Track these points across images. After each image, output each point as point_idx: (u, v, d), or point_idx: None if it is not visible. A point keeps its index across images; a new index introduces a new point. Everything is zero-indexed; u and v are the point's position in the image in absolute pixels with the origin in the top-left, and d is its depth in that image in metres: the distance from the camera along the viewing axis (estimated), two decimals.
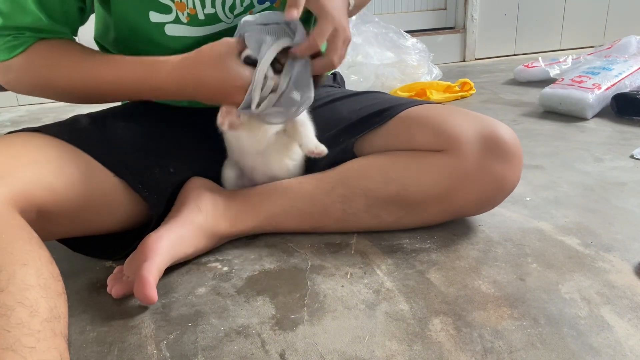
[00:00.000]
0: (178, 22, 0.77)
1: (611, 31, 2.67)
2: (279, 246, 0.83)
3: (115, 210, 0.76)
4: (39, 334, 0.45)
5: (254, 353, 0.59)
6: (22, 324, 0.45)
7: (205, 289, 0.73)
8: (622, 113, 1.46)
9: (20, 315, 0.45)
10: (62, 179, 0.67)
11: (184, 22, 0.77)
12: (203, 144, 0.88)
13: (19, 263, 0.50)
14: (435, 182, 0.78)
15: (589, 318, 0.62)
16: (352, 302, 0.68)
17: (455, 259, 0.77)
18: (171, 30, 0.78)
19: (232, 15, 0.80)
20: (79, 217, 0.71)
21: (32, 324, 0.45)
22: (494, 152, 0.76)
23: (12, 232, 0.54)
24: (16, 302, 0.46)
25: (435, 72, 2.01)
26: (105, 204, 0.74)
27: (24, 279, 0.48)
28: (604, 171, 1.09)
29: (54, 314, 0.48)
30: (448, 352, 0.58)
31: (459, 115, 0.81)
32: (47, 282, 0.50)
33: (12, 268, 0.49)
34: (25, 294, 0.47)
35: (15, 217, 0.57)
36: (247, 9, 0.80)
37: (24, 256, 0.51)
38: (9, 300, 0.46)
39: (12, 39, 0.71)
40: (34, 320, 0.46)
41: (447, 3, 2.64)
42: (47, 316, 0.47)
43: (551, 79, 1.77)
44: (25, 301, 0.46)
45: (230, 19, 0.80)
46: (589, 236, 0.82)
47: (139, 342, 0.62)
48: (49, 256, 0.55)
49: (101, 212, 0.74)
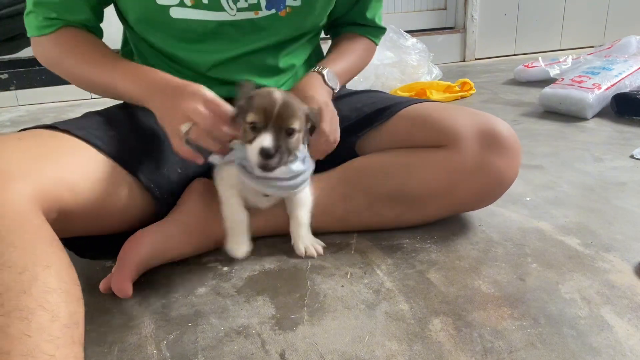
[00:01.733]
0: (183, 5, 0.78)
1: (611, 31, 2.67)
2: (279, 246, 0.83)
3: (128, 210, 0.76)
4: (59, 341, 0.44)
5: (254, 353, 0.59)
6: (42, 329, 0.44)
7: (205, 289, 0.73)
8: (622, 113, 1.46)
9: (41, 320, 0.44)
10: (84, 180, 0.67)
11: (189, 5, 0.78)
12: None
13: (42, 265, 0.49)
14: (435, 177, 0.79)
15: (589, 318, 0.62)
16: (352, 302, 0.68)
17: (455, 259, 0.77)
18: (176, 13, 0.79)
19: (235, 7, 0.80)
20: (95, 217, 0.71)
21: (52, 330, 0.44)
22: (493, 147, 0.77)
23: (35, 233, 0.52)
24: (38, 305, 0.45)
25: (435, 72, 2.01)
26: (120, 204, 0.74)
27: (46, 281, 0.47)
28: (604, 171, 1.09)
29: (73, 319, 0.48)
30: (448, 352, 0.58)
31: (458, 112, 0.82)
32: (67, 286, 0.50)
33: (35, 270, 0.48)
34: (47, 297, 0.46)
35: (39, 216, 0.56)
36: (252, 7, 0.81)
37: (47, 258, 0.50)
38: (31, 302, 0.45)
39: (43, 20, 0.79)
40: (54, 325, 0.45)
41: (447, 3, 2.64)
42: (66, 322, 0.46)
43: (551, 79, 1.77)
44: (47, 305, 0.46)
45: (234, 11, 0.81)
46: (589, 236, 0.82)
47: (139, 342, 0.62)
48: (69, 260, 0.54)
49: (116, 211, 0.74)
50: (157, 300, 0.70)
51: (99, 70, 0.78)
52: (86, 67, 0.79)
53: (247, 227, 0.78)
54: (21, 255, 0.48)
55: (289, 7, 0.82)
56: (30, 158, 0.62)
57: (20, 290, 0.45)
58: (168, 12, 0.79)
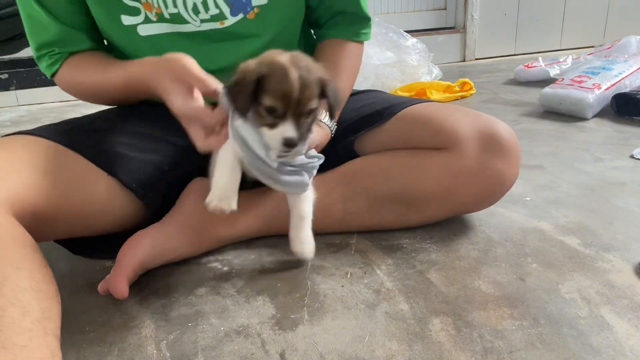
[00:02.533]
0: (149, 21, 0.79)
1: (611, 31, 2.67)
2: (279, 246, 0.83)
3: (111, 210, 0.76)
4: (31, 333, 0.46)
5: (254, 353, 0.59)
6: (14, 323, 0.45)
7: (205, 289, 0.73)
8: (622, 113, 1.46)
9: (12, 315, 0.46)
10: (56, 182, 0.67)
11: (154, 20, 0.79)
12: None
13: (13, 266, 0.51)
14: (436, 179, 0.79)
15: (589, 318, 0.62)
16: (352, 302, 0.68)
17: (455, 259, 0.77)
18: (144, 31, 0.80)
19: (198, 19, 0.79)
20: (75, 219, 0.71)
21: (23, 323, 0.46)
22: (493, 149, 0.77)
23: (7, 236, 0.54)
24: (9, 303, 0.47)
25: (435, 72, 2.01)
26: (101, 205, 0.74)
27: (17, 281, 0.49)
28: (604, 171, 1.09)
29: (45, 315, 0.49)
30: (448, 352, 0.58)
31: (458, 113, 0.82)
32: (39, 284, 0.51)
33: (6, 271, 0.49)
34: (18, 296, 0.48)
35: (10, 220, 0.57)
36: (214, 18, 0.80)
37: (18, 259, 0.52)
38: (2, 301, 0.47)
39: (48, 58, 0.82)
40: (26, 319, 0.47)
41: (447, 3, 2.64)
42: (38, 316, 0.48)
43: (551, 79, 1.77)
44: (18, 302, 0.47)
45: (197, 22, 0.80)
46: (589, 236, 0.82)
47: (139, 342, 0.62)
48: (42, 259, 0.56)
49: (98, 212, 0.74)
50: (157, 300, 0.70)
51: (112, 70, 0.79)
52: (100, 74, 0.81)
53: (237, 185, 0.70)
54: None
55: (256, 7, 0.80)
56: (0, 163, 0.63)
57: None
58: (136, 31, 0.80)
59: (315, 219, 0.82)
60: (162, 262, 0.76)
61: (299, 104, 0.61)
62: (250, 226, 0.82)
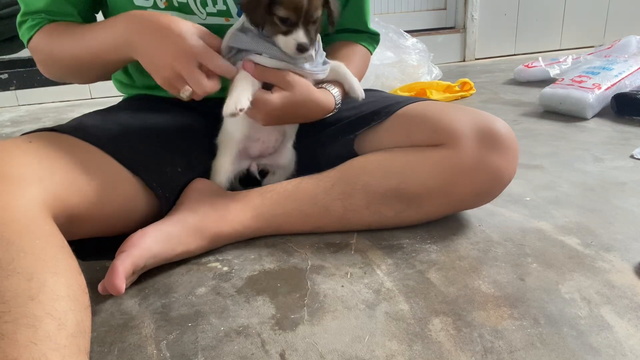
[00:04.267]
0: (156, 7, 0.82)
1: (611, 31, 2.67)
2: (279, 246, 0.83)
3: (133, 210, 0.76)
4: (65, 350, 0.44)
5: (254, 353, 0.59)
6: (49, 338, 0.43)
7: (205, 289, 0.73)
8: (622, 113, 1.46)
9: (48, 328, 0.44)
10: (93, 184, 0.67)
11: (162, 7, 0.82)
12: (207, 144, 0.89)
13: (50, 272, 0.48)
14: (434, 175, 0.79)
15: (589, 318, 0.62)
16: (352, 302, 0.68)
17: (455, 259, 0.77)
18: None
19: (204, 12, 0.83)
20: (103, 220, 0.71)
21: (59, 338, 0.44)
22: (491, 145, 0.77)
23: (46, 239, 0.52)
24: (45, 313, 0.45)
25: (435, 72, 2.01)
26: (126, 205, 0.74)
27: (54, 288, 0.47)
28: (604, 171, 1.09)
29: (79, 328, 0.47)
30: (448, 352, 0.58)
31: (456, 110, 0.83)
32: (76, 293, 0.49)
33: (44, 276, 0.47)
34: (54, 305, 0.46)
35: (49, 222, 0.56)
36: (220, 13, 0.83)
37: (56, 265, 0.50)
38: (39, 310, 0.45)
39: (30, 20, 0.83)
40: (61, 334, 0.45)
41: (447, 3, 2.64)
42: (73, 330, 0.46)
43: (551, 79, 1.77)
44: (54, 312, 0.45)
45: (204, 15, 0.83)
46: (589, 236, 0.82)
47: (139, 342, 0.62)
48: (78, 266, 0.54)
49: (122, 213, 0.74)
50: (157, 300, 0.70)
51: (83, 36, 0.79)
52: (72, 41, 0.80)
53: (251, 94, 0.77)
54: (31, 262, 0.48)
55: None
56: (40, 162, 0.62)
57: (28, 297, 0.45)
58: None
59: (315, 219, 0.83)
60: (161, 261, 0.76)
61: (307, 13, 0.73)
62: (250, 226, 0.82)
